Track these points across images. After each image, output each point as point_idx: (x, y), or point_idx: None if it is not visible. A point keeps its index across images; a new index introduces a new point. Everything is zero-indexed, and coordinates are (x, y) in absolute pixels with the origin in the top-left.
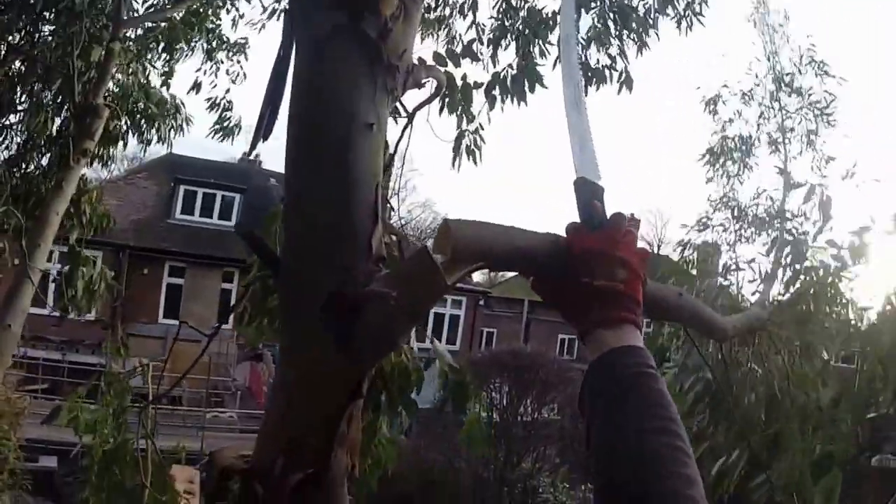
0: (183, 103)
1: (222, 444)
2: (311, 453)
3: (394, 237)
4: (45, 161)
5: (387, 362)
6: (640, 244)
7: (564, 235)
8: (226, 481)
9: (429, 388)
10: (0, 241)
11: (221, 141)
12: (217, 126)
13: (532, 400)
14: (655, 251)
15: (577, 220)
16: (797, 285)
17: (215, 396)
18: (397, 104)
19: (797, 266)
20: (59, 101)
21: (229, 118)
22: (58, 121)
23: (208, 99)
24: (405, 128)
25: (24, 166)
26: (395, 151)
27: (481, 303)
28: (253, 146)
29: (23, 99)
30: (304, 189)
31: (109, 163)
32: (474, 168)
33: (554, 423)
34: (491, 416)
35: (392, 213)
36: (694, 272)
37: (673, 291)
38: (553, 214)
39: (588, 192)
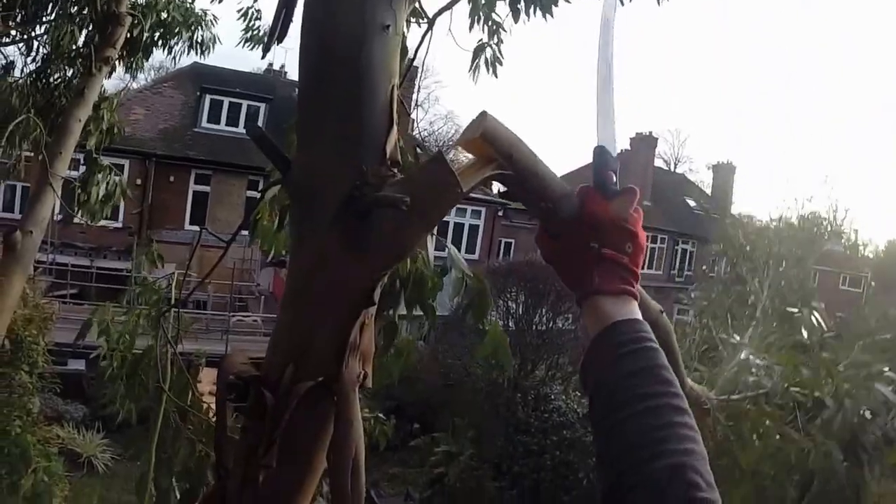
0: (208, 13)
1: (247, 347)
2: (322, 362)
3: (410, 143)
4: (69, 73)
5: (403, 268)
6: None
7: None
8: (234, 387)
9: (447, 295)
10: (18, 150)
11: (252, 49)
12: (245, 35)
13: (547, 309)
14: (672, 169)
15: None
16: None
17: (239, 301)
18: (419, 7)
19: None
20: (84, 11)
21: (258, 27)
22: (84, 32)
23: (239, 10)
24: (425, 33)
25: (46, 79)
26: (415, 57)
27: (500, 214)
28: (266, 48)
29: (49, 10)
30: (317, 91)
31: (136, 72)
32: (499, 82)
33: (568, 332)
34: (507, 325)
35: (413, 125)
36: None
37: (655, 307)
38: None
39: (604, 162)
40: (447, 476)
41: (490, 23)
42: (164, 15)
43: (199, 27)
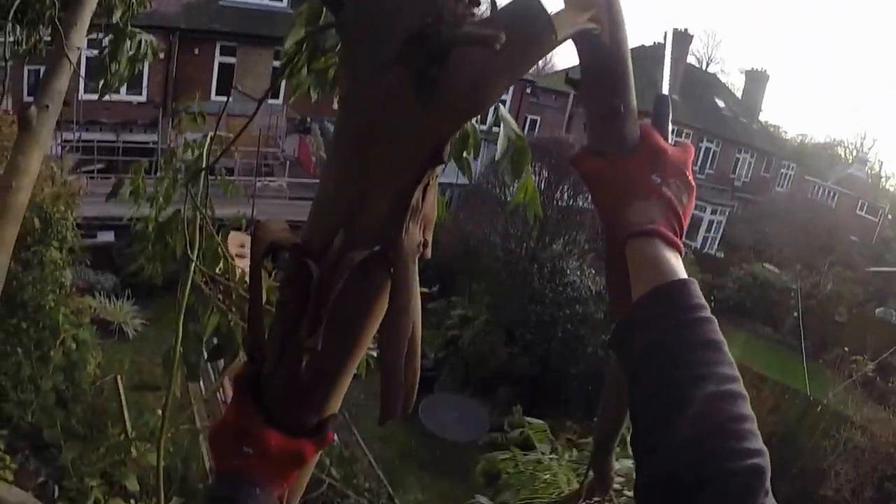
0: None
1: (272, 210)
2: (378, 227)
3: None
4: None
5: None
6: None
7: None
8: (268, 256)
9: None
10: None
11: None
12: None
13: (568, 187)
14: (704, 68)
15: None
16: None
17: (265, 167)
18: None
19: None
20: None
21: None
22: None
23: None
24: None
25: None
26: None
27: (528, 91)
28: None
29: None
30: None
31: None
32: None
33: (587, 211)
34: None
35: None
36: None
37: None
38: None
39: (664, 112)
40: (461, 339)
41: None
42: None
43: None
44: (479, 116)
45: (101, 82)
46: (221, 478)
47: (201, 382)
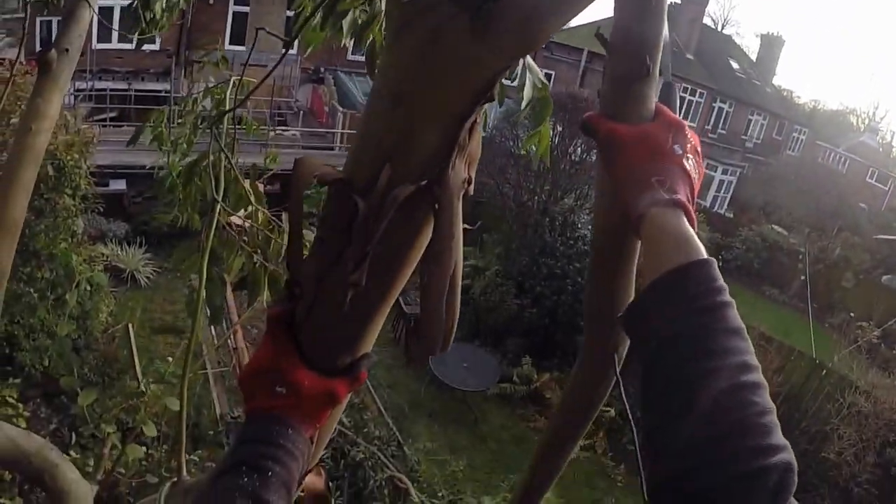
0: None
1: (284, 160)
2: (425, 163)
3: None
4: None
5: None
6: None
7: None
8: (307, 189)
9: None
10: None
11: None
12: None
13: (582, 142)
14: (720, 29)
15: None
16: None
17: (279, 116)
18: None
19: None
20: None
21: None
22: None
23: None
24: None
25: None
26: None
27: (542, 45)
28: None
29: None
30: None
31: None
32: None
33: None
34: None
35: None
36: None
37: None
38: None
39: (672, 98)
40: (472, 289)
41: None
42: None
43: None
44: None
45: (144, 26)
46: (253, 417)
47: (212, 329)
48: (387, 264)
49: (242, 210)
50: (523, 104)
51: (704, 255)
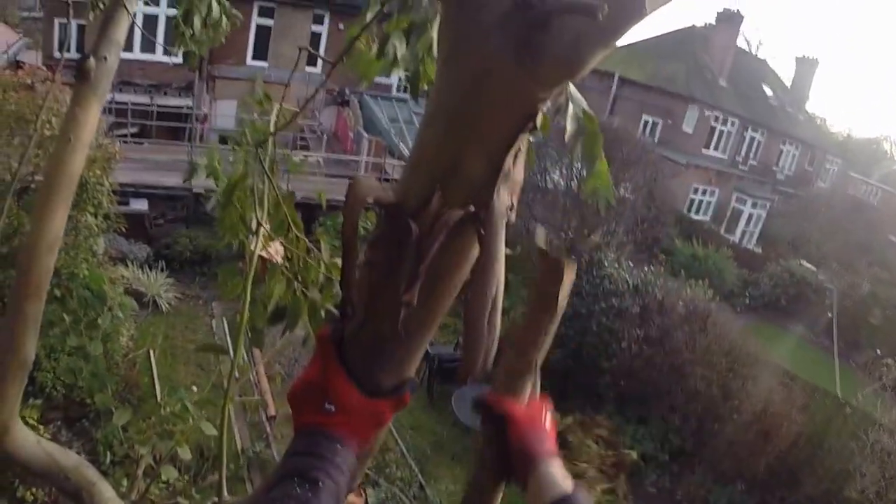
0: None
1: (307, 187)
2: (472, 189)
3: None
4: None
5: None
6: None
7: None
8: (363, 210)
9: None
10: None
11: None
12: None
13: (611, 174)
14: (755, 52)
15: None
16: None
17: (301, 140)
18: None
19: None
20: None
21: None
22: None
23: None
24: None
25: None
26: None
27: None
28: None
29: None
30: None
31: None
32: None
33: (627, 201)
34: (569, 186)
35: None
36: None
37: None
38: None
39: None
40: None
41: None
42: None
43: None
44: None
45: (179, 45)
46: (303, 432)
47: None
48: (434, 286)
49: (278, 239)
50: (567, 136)
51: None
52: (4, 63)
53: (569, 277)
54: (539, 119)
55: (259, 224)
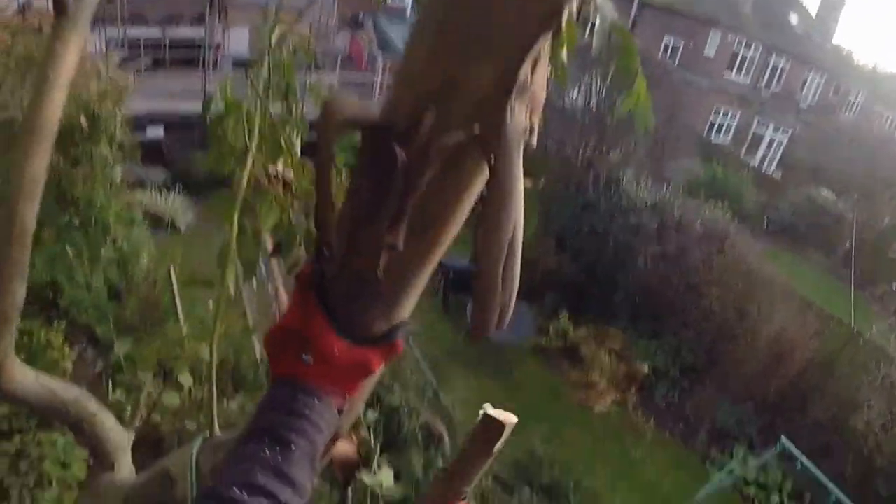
0: None
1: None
2: (477, 107)
3: None
4: None
5: None
6: None
7: None
8: (341, 135)
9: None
10: None
11: None
12: None
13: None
14: None
15: None
16: None
17: (315, 64)
18: None
19: None
20: None
21: None
22: None
23: None
24: None
25: None
26: None
27: None
28: None
29: None
30: None
31: None
32: None
33: None
34: (588, 104)
35: None
36: None
37: None
38: None
39: None
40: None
41: None
42: None
43: None
44: None
45: None
46: (279, 383)
47: (253, 283)
48: (429, 224)
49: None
50: (594, 49)
51: None
52: (15, 8)
53: (507, 432)
54: (564, 19)
55: (247, 149)
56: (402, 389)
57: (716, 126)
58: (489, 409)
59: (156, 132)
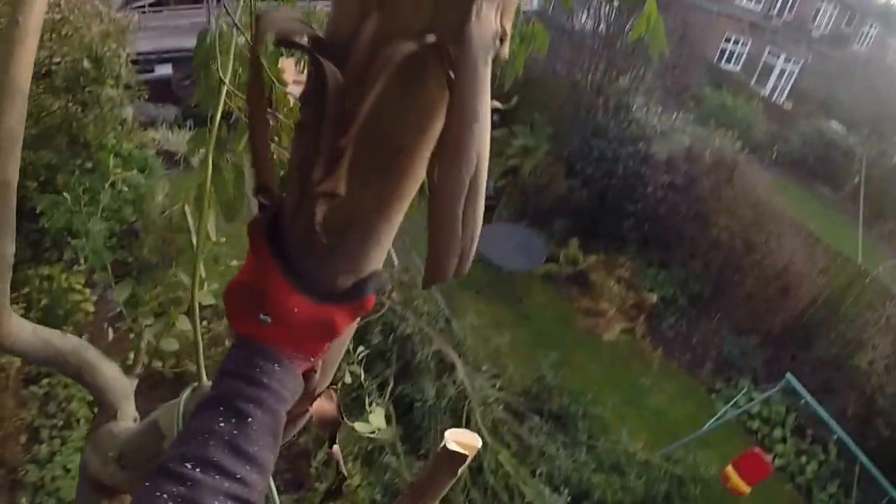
0: None
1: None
2: (431, 8)
3: None
4: None
5: None
6: None
7: None
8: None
9: None
10: None
11: None
12: None
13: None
14: None
15: None
16: None
17: None
18: None
19: None
20: None
21: None
22: None
23: None
24: None
25: None
26: None
27: None
28: None
29: None
30: None
31: None
32: None
33: None
34: (597, 28)
35: None
36: None
37: None
38: None
39: None
40: (521, 169)
41: None
42: None
43: None
44: None
45: None
46: (239, 345)
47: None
48: (390, 160)
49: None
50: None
51: None
52: None
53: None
54: None
55: (221, 81)
56: (415, 317)
57: (726, 53)
58: (451, 442)
59: (164, 70)
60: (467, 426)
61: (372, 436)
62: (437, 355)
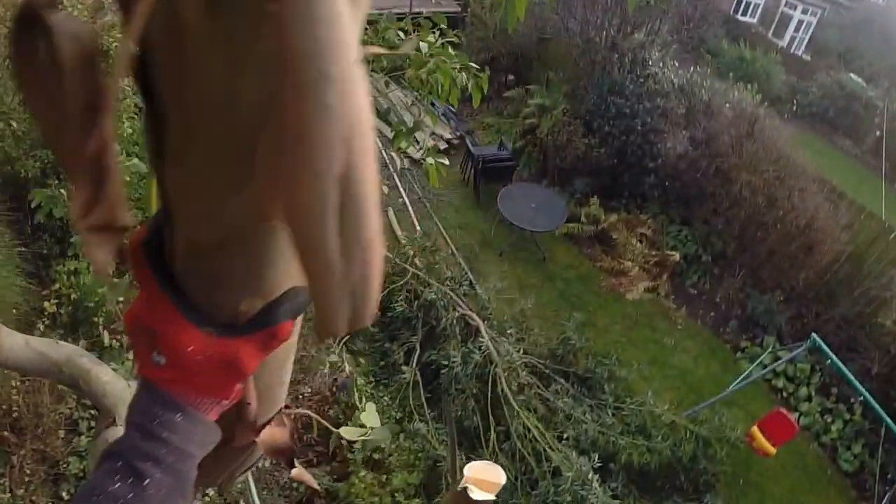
0: None
1: None
2: None
3: None
4: None
5: None
6: None
7: None
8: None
9: None
10: None
11: None
12: None
13: None
14: None
15: None
16: None
17: None
18: None
19: None
20: None
21: None
22: None
23: None
24: None
25: None
26: None
27: None
28: None
29: None
30: None
31: None
32: None
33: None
34: None
35: None
36: None
37: None
38: None
39: None
40: (539, 128)
41: None
42: None
43: None
44: None
45: None
46: (140, 389)
47: None
48: (235, 143)
49: None
50: None
51: None
52: None
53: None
54: None
55: None
56: (439, 283)
57: (742, 5)
58: (474, 490)
59: None
60: (493, 391)
61: (364, 438)
62: (461, 320)
